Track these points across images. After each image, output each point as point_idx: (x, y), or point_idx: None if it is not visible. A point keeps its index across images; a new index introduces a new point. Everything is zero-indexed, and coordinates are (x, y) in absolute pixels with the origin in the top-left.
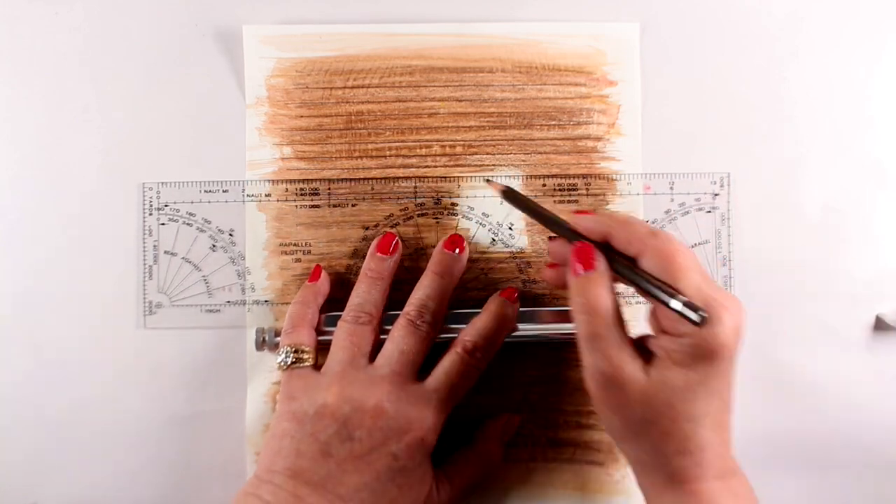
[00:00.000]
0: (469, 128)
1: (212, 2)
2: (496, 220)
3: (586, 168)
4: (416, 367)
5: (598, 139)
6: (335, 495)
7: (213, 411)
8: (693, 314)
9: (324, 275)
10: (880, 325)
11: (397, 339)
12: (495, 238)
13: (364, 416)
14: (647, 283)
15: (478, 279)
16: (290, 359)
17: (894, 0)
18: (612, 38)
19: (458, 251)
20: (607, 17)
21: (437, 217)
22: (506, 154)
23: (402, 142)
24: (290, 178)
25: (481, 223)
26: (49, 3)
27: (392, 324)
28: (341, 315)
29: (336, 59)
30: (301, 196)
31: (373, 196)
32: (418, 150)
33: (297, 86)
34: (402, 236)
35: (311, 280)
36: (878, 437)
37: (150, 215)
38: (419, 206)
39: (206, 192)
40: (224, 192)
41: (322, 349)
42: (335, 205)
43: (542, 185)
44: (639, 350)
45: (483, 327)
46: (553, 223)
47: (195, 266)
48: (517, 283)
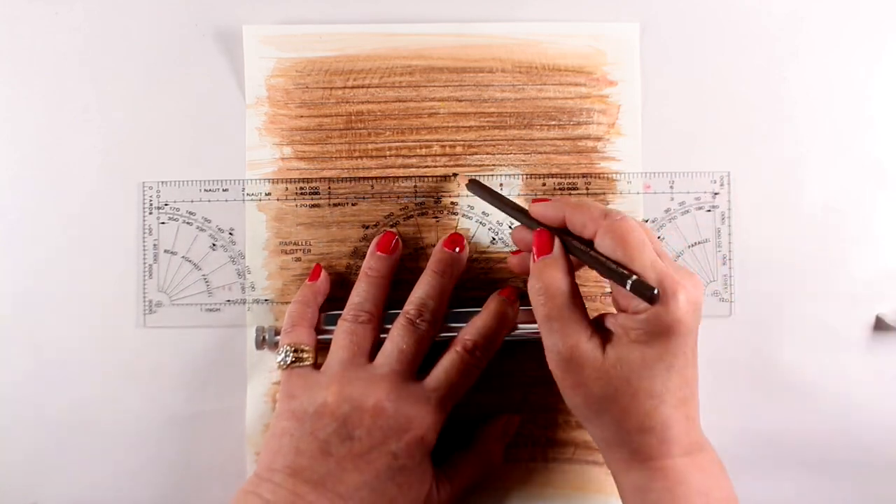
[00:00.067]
0: (469, 128)
1: (212, 2)
2: (496, 220)
3: (586, 168)
4: (416, 365)
5: (598, 139)
6: (335, 494)
7: (213, 411)
8: (645, 291)
9: (324, 274)
10: (880, 325)
11: (397, 338)
12: (495, 237)
13: (364, 414)
14: (602, 264)
15: (478, 278)
16: (289, 358)
17: (894, 0)
18: (612, 38)
19: (458, 250)
20: (607, 17)
21: (437, 216)
22: (506, 154)
23: (402, 142)
24: (290, 178)
25: (481, 222)
26: (49, 3)
27: (392, 323)
28: (341, 314)
29: (336, 59)
30: (301, 195)
31: (373, 195)
32: (418, 150)
33: (297, 86)
34: (402, 235)
35: (310, 279)
36: (878, 437)
37: (150, 214)
38: (419, 206)
39: (206, 191)
40: (224, 191)
41: (322, 348)
42: (335, 204)
43: (542, 184)
44: (598, 330)
45: (483, 326)
46: (515, 211)
47: (195, 265)
48: (517, 283)
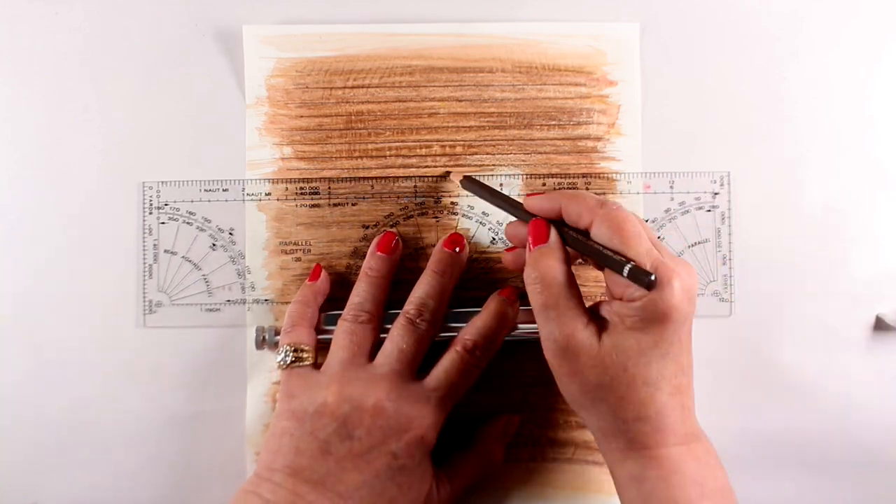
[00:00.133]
0: (469, 128)
1: (212, 2)
2: (496, 220)
3: (586, 168)
4: (416, 365)
5: (598, 139)
6: (335, 493)
7: (213, 411)
8: (642, 278)
9: (324, 274)
10: (880, 325)
11: (397, 338)
12: (495, 237)
13: (363, 414)
14: (598, 252)
15: (478, 278)
16: (289, 358)
17: (894, 0)
18: (612, 38)
19: (458, 250)
20: (607, 17)
21: (437, 216)
22: (506, 154)
23: (402, 142)
24: (290, 178)
25: (481, 222)
26: (49, 3)
27: (392, 323)
28: (341, 314)
29: (336, 59)
30: (301, 195)
31: (373, 195)
32: (418, 150)
33: (297, 86)
34: (402, 235)
35: (311, 279)
36: (878, 437)
37: (150, 214)
38: (419, 206)
39: (206, 191)
40: (224, 191)
41: (322, 348)
42: (335, 204)
43: (542, 184)
44: (593, 318)
45: (483, 326)
46: (510, 206)
47: (195, 265)
48: (517, 283)
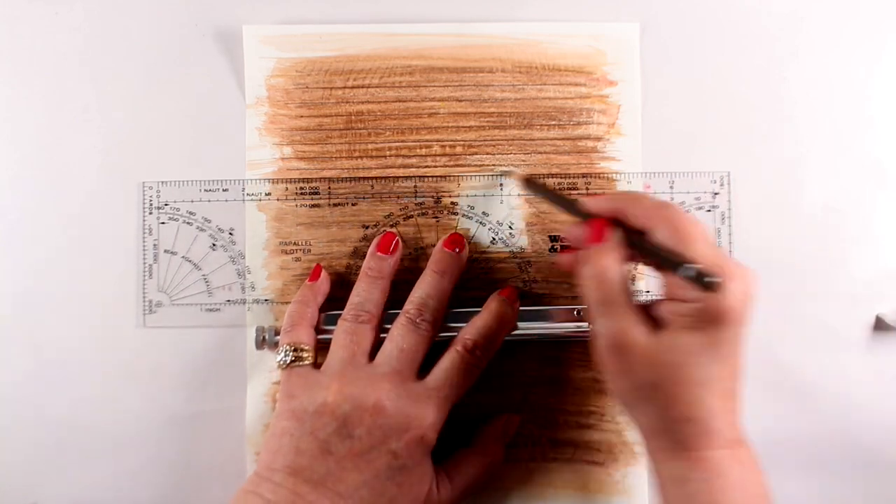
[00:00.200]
0: (469, 128)
1: (212, 2)
2: (496, 220)
3: (586, 168)
4: (416, 365)
5: (598, 139)
6: (335, 493)
7: (213, 411)
8: (704, 280)
9: (324, 274)
10: (880, 325)
11: (397, 338)
12: (495, 237)
13: (364, 414)
14: (659, 254)
15: (478, 278)
16: (289, 357)
17: (894, 0)
18: (612, 38)
19: (458, 250)
20: (607, 17)
21: (437, 216)
22: (506, 154)
23: (402, 142)
24: (290, 178)
25: (481, 222)
26: (49, 3)
27: (392, 323)
28: (341, 314)
29: (336, 59)
30: (301, 195)
31: (373, 195)
32: (418, 150)
33: (297, 86)
34: (402, 236)
35: (311, 279)
36: (878, 437)
37: (150, 214)
38: (419, 206)
39: (206, 191)
40: (224, 191)
41: (322, 348)
42: (335, 204)
43: (542, 184)
44: (649, 317)
45: (483, 326)
46: (569, 206)
47: (195, 265)
48: (517, 283)
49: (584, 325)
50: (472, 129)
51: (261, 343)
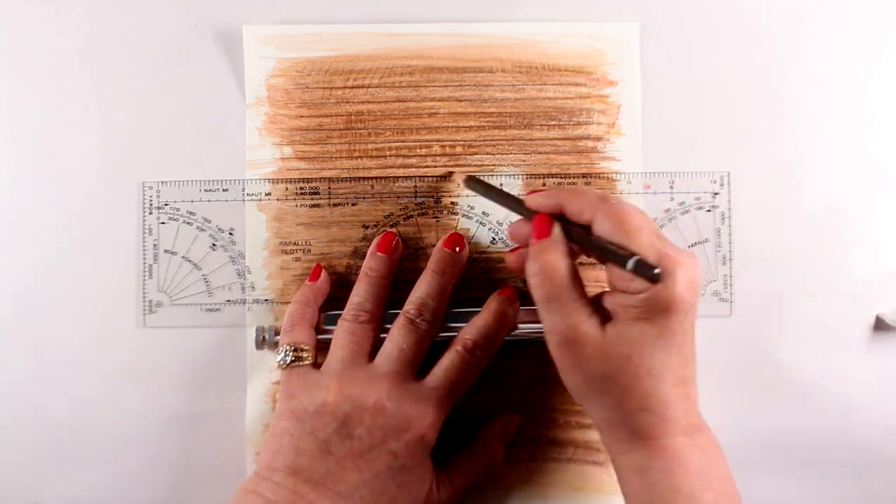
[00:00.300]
0: (469, 128)
1: (212, 2)
2: (496, 220)
3: (586, 168)
4: (416, 365)
5: (598, 139)
6: (335, 493)
7: (213, 411)
8: (646, 272)
9: (324, 274)
10: (880, 325)
11: (397, 338)
12: (495, 237)
13: (364, 414)
14: (602, 246)
15: (478, 278)
16: (289, 357)
17: (894, 0)
18: (612, 38)
19: (458, 250)
20: (607, 17)
21: (437, 216)
22: (506, 154)
23: (402, 142)
24: (290, 178)
25: (481, 222)
26: (49, 3)
27: (392, 323)
28: (341, 314)
29: (336, 59)
30: (301, 195)
31: (373, 195)
32: (418, 150)
33: (297, 86)
34: (402, 236)
35: (311, 280)
36: (878, 437)
37: (150, 214)
38: (419, 206)
39: (206, 191)
40: (224, 191)
41: (322, 348)
42: (335, 204)
43: (542, 184)
44: (597, 310)
45: (483, 326)
46: (514, 204)
47: (195, 265)
48: (517, 282)
49: None
50: (472, 129)
51: (261, 343)
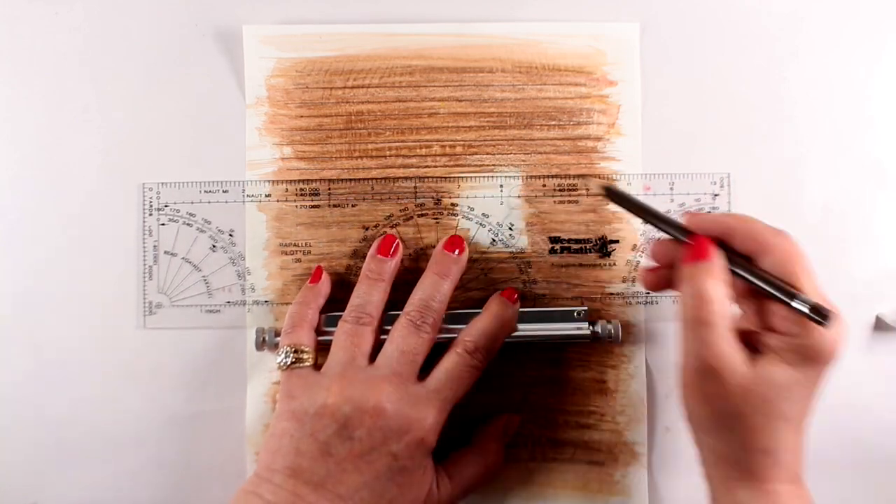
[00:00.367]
0: (469, 128)
1: (212, 2)
2: (496, 221)
3: (586, 168)
4: (417, 367)
5: (598, 139)
6: (335, 494)
7: (213, 411)
8: (816, 315)
9: (325, 276)
10: (880, 325)
11: (397, 340)
12: (495, 238)
13: (364, 415)
14: (769, 280)
15: (478, 279)
16: (289, 359)
17: (894, 0)
18: (612, 38)
19: (458, 252)
20: (607, 17)
21: (437, 217)
22: (506, 154)
23: (402, 142)
24: (291, 179)
25: (481, 223)
26: (49, 3)
27: (392, 324)
28: (342, 315)
29: (336, 59)
30: (301, 196)
31: (373, 196)
32: (418, 150)
33: (297, 86)
34: (402, 236)
35: (312, 281)
36: (878, 437)
37: (150, 216)
38: (419, 207)
39: (206, 192)
40: (224, 192)
41: (322, 350)
42: (335, 205)
43: (542, 185)
44: (741, 343)
45: (483, 328)
46: (663, 222)
47: (195, 266)
48: (517, 284)
49: (584, 326)
50: (472, 129)
51: (261, 344)
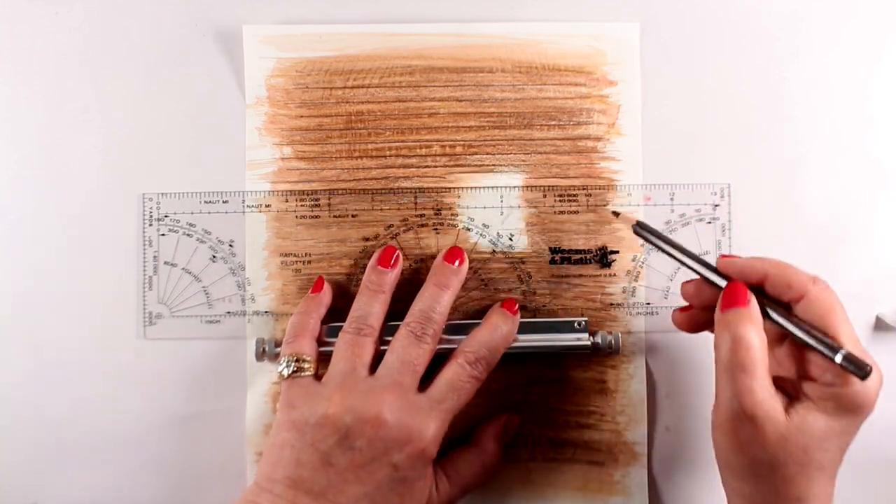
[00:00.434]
0: (469, 128)
1: (212, 2)
2: (496, 230)
3: (586, 168)
4: (418, 377)
5: (598, 139)
6: None
7: (213, 412)
8: (857, 368)
9: (326, 286)
10: (880, 325)
11: (399, 350)
12: (495, 248)
13: (365, 426)
14: (807, 330)
15: (478, 289)
16: (290, 368)
17: (894, 0)
18: (612, 38)
19: (458, 263)
20: (607, 17)
21: (437, 227)
22: (506, 154)
23: (402, 142)
24: (291, 189)
25: (481, 234)
26: (49, 3)
27: (393, 335)
28: (342, 326)
29: (336, 59)
30: (301, 206)
31: (373, 206)
32: (418, 150)
33: (297, 86)
34: (402, 246)
35: (313, 291)
36: (878, 437)
37: (150, 226)
38: (419, 217)
39: (206, 202)
40: (224, 202)
41: (323, 360)
42: (335, 215)
43: (542, 195)
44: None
45: (484, 339)
46: (697, 263)
47: (195, 277)
48: (517, 293)
49: (585, 337)
50: (472, 129)
51: (261, 355)
